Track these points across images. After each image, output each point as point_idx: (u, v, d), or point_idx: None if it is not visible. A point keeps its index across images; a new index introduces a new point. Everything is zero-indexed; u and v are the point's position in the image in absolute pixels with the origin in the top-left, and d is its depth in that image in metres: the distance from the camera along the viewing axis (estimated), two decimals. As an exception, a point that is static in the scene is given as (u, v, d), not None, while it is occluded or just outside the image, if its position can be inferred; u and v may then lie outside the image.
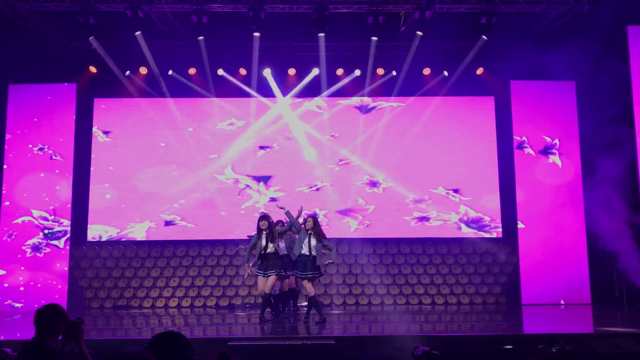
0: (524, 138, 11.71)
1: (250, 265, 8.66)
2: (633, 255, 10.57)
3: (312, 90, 12.32)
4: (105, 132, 12.24)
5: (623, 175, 10.75)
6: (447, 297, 11.71)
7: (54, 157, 11.59)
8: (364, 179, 12.24)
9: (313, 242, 8.28)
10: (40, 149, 11.61)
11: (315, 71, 12.08)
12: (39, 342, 3.41)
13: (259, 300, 10.91)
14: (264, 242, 8.44)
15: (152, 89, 12.09)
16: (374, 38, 10.99)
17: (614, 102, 10.59)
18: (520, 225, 11.47)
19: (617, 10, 9.70)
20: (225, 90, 12.28)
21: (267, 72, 12.11)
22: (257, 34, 10.84)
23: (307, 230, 8.34)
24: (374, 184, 12.25)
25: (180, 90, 12.16)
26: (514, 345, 6.30)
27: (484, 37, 10.95)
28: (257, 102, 12.37)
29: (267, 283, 8.41)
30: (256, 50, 11.32)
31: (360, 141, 12.32)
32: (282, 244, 8.80)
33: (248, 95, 12.25)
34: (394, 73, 12.12)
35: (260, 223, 8.52)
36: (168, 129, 12.26)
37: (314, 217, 8.67)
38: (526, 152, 11.71)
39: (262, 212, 9.60)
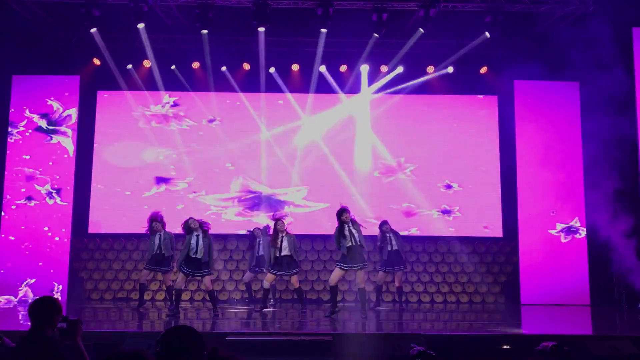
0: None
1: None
2: (633, 258, 10.55)
3: (317, 87, 12.32)
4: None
5: (625, 177, 10.73)
6: (446, 296, 11.74)
7: (56, 149, 11.60)
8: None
9: (285, 242, 8.87)
10: (44, 140, 11.62)
11: (320, 68, 12.07)
12: (36, 333, 3.45)
13: (258, 295, 10.98)
14: (348, 235, 8.41)
15: (154, 82, 12.10)
16: (376, 35, 10.97)
17: (618, 103, 10.56)
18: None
19: (622, 11, 9.66)
20: (228, 85, 12.30)
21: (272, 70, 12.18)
22: (262, 29, 10.83)
23: (280, 232, 8.92)
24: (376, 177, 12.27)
25: (183, 85, 12.20)
26: (512, 346, 6.29)
27: (486, 34, 10.89)
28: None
29: (361, 276, 8.54)
30: (262, 45, 11.33)
31: (361, 139, 12.33)
32: (285, 243, 8.90)
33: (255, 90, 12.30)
34: (401, 69, 12.10)
35: (344, 216, 8.47)
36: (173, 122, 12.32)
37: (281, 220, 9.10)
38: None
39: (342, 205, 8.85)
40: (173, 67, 12.01)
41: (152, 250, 9.61)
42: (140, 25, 10.56)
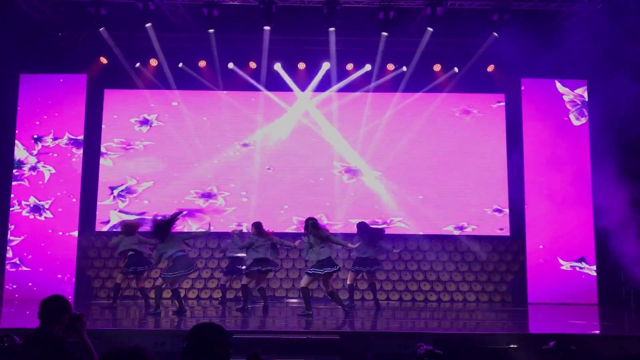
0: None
1: None
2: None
3: (321, 85, 12.30)
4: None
5: (633, 175, 10.65)
6: (453, 295, 11.71)
7: (63, 147, 11.63)
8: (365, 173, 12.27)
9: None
10: (51, 139, 11.65)
11: (326, 65, 12.03)
12: (43, 331, 3.47)
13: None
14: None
15: (161, 81, 12.12)
16: (384, 33, 10.95)
17: (626, 101, 10.48)
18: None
19: (631, 9, 9.59)
20: (235, 83, 12.31)
21: (278, 67, 12.15)
22: (267, 28, 10.82)
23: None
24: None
25: (191, 83, 12.21)
26: (519, 345, 6.27)
27: (494, 34, 10.89)
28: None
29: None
30: (266, 44, 11.32)
31: (366, 135, 12.31)
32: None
33: (257, 89, 12.29)
34: (404, 69, 12.07)
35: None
36: (178, 120, 12.36)
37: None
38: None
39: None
40: (181, 64, 12.03)
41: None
42: (148, 25, 10.58)
